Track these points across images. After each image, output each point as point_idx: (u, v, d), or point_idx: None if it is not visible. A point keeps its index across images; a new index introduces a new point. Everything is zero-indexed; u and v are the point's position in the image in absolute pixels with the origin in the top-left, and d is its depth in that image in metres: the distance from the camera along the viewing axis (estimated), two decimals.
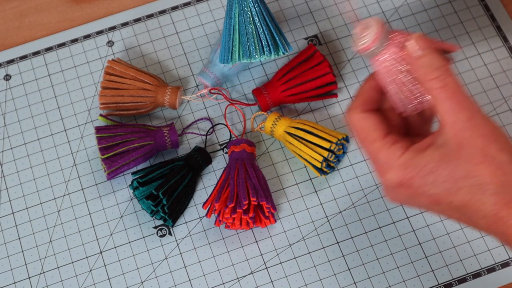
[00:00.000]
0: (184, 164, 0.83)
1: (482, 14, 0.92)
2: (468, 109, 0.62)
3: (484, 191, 0.61)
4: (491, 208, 0.61)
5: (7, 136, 0.88)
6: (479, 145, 0.61)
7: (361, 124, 0.66)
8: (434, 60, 0.64)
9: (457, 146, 0.62)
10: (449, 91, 0.63)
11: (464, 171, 0.62)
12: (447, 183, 0.62)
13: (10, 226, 0.84)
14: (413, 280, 0.80)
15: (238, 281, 0.80)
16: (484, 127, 0.62)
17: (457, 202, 0.62)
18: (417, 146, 0.64)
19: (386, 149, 0.64)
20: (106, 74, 0.87)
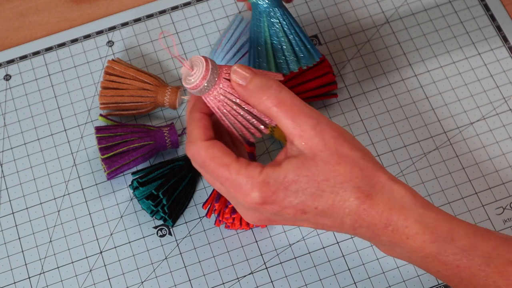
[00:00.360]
0: (184, 164, 0.83)
1: (482, 14, 0.92)
2: (311, 117, 0.64)
3: (346, 188, 0.64)
4: (354, 203, 0.64)
5: (7, 136, 0.88)
6: (332, 147, 0.64)
7: (210, 152, 0.66)
8: (261, 81, 0.65)
9: (312, 153, 0.64)
10: (286, 105, 0.64)
11: (324, 174, 0.64)
12: (310, 189, 0.64)
13: (10, 226, 0.84)
14: (413, 280, 0.80)
15: (238, 281, 0.80)
16: (331, 130, 0.64)
17: (322, 205, 0.64)
18: (273, 162, 0.65)
19: (244, 170, 0.65)
20: (106, 74, 0.87)
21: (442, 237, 0.65)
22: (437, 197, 0.83)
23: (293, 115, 0.65)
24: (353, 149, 0.65)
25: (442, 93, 0.88)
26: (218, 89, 0.67)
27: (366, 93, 0.88)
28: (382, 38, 0.91)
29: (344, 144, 0.65)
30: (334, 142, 0.64)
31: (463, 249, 0.65)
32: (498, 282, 0.64)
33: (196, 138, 0.67)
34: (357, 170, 0.64)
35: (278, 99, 0.65)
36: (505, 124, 0.86)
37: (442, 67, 0.89)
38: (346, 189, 0.64)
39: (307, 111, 0.65)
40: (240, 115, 0.67)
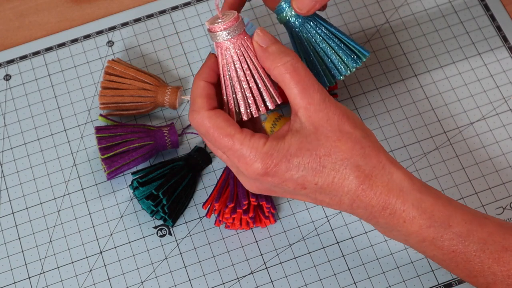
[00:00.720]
0: (184, 164, 0.83)
1: (482, 14, 0.92)
2: (320, 92, 0.65)
3: (346, 166, 0.65)
4: (353, 182, 0.65)
5: (7, 136, 0.88)
6: (335, 123, 0.65)
7: (213, 122, 0.66)
8: (282, 47, 0.67)
9: (314, 127, 0.65)
10: (300, 75, 0.65)
11: (325, 149, 0.65)
12: (312, 163, 0.65)
13: (10, 226, 0.84)
14: (413, 280, 0.80)
15: (238, 281, 0.80)
16: (336, 108, 0.65)
17: (321, 182, 0.65)
18: (277, 134, 0.67)
19: (247, 141, 0.66)
20: (106, 74, 0.87)
21: (438, 223, 0.65)
22: None
23: (303, 86, 0.65)
24: (356, 128, 0.66)
25: (442, 93, 0.88)
26: (238, 41, 0.68)
27: (366, 93, 0.88)
28: (382, 38, 0.91)
29: (347, 122, 0.66)
30: (337, 119, 0.65)
31: (459, 235, 0.65)
32: (493, 268, 0.65)
33: (200, 107, 0.67)
34: (358, 148, 0.65)
35: (293, 68, 0.66)
36: (505, 124, 0.86)
37: (442, 67, 0.89)
38: (346, 166, 0.65)
39: (317, 87, 0.66)
40: (247, 82, 0.68)
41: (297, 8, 0.71)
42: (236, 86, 0.68)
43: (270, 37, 0.68)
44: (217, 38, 0.68)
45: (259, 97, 0.69)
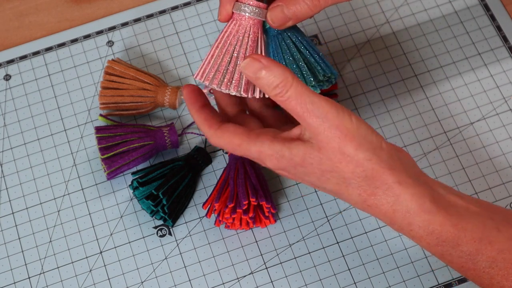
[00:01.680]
0: (184, 164, 0.83)
1: (482, 14, 0.92)
2: (317, 116, 0.65)
3: (348, 185, 0.66)
4: (357, 198, 0.67)
5: (7, 136, 0.88)
6: (336, 146, 0.65)
7: (222, 140, 0.70)
8: (271, 78, 0.66)
9: (318, 145, 0.66)
10: (293, 103, 0.65)
11: (328, 166, 0.66)
12: (316, 174, 0.67)
13: (10, 226, 0.84)
14: (413, 280, 0.80)
15: (238, 281, 0.80)
16: (337, 129, 0.65)
17: (329, 188, 0.68)
18: (285, 136, 0.68)
19: (253, 146, 0.68)
20: (106, 74, 0.87)
21: (446, 242, 0.66)
22: None
23: (300, 112, 0.65)
24: (359, 149, 0.65)
25: (442, 93, 0.88)
26: (254, 24, 0.71)
27: (366, 93, 0.88)
28: (382, 38, 0.91)
29: (349, 144, 0.65)
30: (338, 142, 0.65)
31: (467, 253, 0.66)
32: (502, 283, 0.65)
33: (206, 132, 0.70)
34: (359, 171, 0.65)
35: (286, 97, 0.66)
36: (505, 124, 0.86)
37: (442, 67, 0.89)
38: (349, 185, 0.66)
39: (313, 109, 0.65)
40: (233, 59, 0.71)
41: (270, 19, 0.71)
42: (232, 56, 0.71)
43: (258, 65, 0.67)
44: (240, 9, 0.71)
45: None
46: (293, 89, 0.65)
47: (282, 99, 0.66)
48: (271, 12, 0.71)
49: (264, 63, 0.66)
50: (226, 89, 0.71)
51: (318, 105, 0.65)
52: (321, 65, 0.75)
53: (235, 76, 0.71)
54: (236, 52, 0.71)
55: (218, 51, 0.72)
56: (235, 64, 0.71)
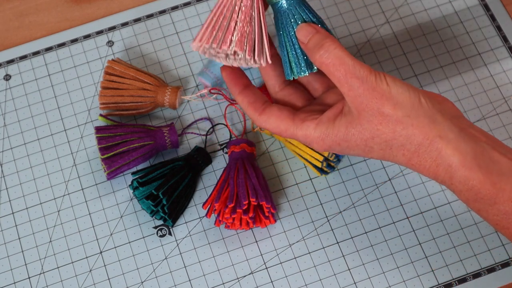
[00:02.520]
0: (184, 164, 0.83)
1: (482, 14, 0.92)
2: (357, 77, 0.67)
3: (392, 146, 0.68)
4: (402, 158, 0.69)
5: (7, 136, 0.88)
6: (375, 107, 0.67)
7: (268, 125, 0.73)
8: (318, 40, 0.69)
9: (357, 111, 0.68)
10: (336, 64, 0.68)
11: (369, 132, 0.68)
12: (360, 146, 0.69)
13: (10, 226, 0.84)
14: (413, 280, 0.80)
15: (238, 281, 0.80)
16: (374, 91, 0.67)
17: (375, 156, 0.70)
18: (328, 115, 0.70)
19: (299, 131, 0.71)
20: (106, 74, 0.87)
21: (484, 199, 0.67)
22: (437, 197, 0.83)
23: (340, 74, 0.68)
24: (396, 109, 0.67)
25: (442, 93, 0.88)
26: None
27: None
28: (382, 38, 0.91)
29: (386, 103, 0.67)
30: (376, 102, 0.67)
31: (503, 212, 0.67)
32: None
33: (251, 115, 0.73)
34: (400, 129, 0.67)
35: (328, 57, 0.68)
36: (505, 124, 0.86)
37: (442, 67, 0.89)
38: (392, 147, 0.68)
39: (354, 71, 0.67)
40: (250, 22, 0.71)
41: None
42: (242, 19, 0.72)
43: (309, 29, 0.70)
44: None
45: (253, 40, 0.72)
46: (336, 50, 0.68)
47: (325, 60, 0.68)
48: None
49: (318, 30, 0.70)
50: (227, 48, 0.70)
51: (359, 68, 0.67)
52: None
53: (235, 33, 0.71)
54: (236, 13, 0.71)
55: (216, 15, 0.71)
56: (236, 24, 0.71)
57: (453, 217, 0.82)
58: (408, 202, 0.83)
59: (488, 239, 0.81)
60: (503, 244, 0.81)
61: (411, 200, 0.83)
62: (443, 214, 0.82)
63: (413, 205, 0.83)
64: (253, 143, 0.84)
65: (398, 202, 0.83)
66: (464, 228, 0.81)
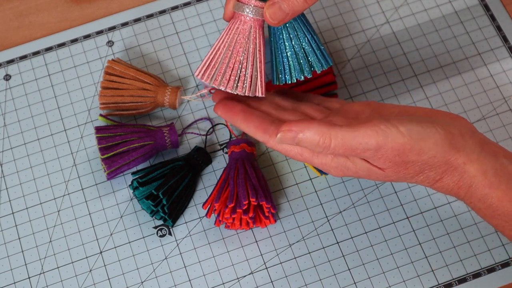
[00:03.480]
0: (184, 164, 0.83)
1: (482, 14, 0.92)
2: (368, 149, 0.67)
3: (417, 178, 0.71)
4: (425, 184, 0.71)
5: (7, 136, 0.88)
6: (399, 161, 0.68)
7: (281, 149, 0.72)
8: (309, 137, 0.68)
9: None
10: (341, 150, 0.68)
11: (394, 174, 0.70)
12: (380, 179, 0.72)
13: (10, 226, 0.84)
14: (413, 280, 0.80)
15: (238, 281, 0.80)
16: (393, 150, 0.68)
17: (394, 181, 0.73)
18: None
19: (315, 158, 0.71)
20: (106, 74, 0.87)
21: (501, 216, 0.68)
22: (437, 197, 0.83)
23: (352, 154, 0.69)
24: (421, 154, 0.68)
25: (442, 93, 0.88)
26: (255, 24, 0.72)
27: (366, 93, 0.88)
28: (382, 38, 0.91)
29: (409, 154, 0.68)
30: (399, 157, 0.68)
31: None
32: None
33: (263, 139, 0.72)
34: (425, 167, 0.68)
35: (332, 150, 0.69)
36: (505, 124, 0.86)
37: (442, 67, 0.89)
38: (418, 179, 0.70)
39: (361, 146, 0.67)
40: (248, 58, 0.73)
41: (269, 17, 0.72)
42: (237, 56, 0.73)
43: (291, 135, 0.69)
44: (241, 9, 0.72)
45: (250, 75, 0.73)
46: (334, 141, 0.68)
47: (330, 152, 0.68)
48: (269, 9, 0.72)
49: (295, 129, 0.68)
50: (225, 88, 0.72)
51: (366, 141, 0.67)
52: (319, 57, 0.76)
53: (233, 74, 0.72)
54: (236, 51, 0.71)
55: (218, 50, 0.72)
56: (234, 63, 0.71)
57: (453, 217, 0.82)
58: (408, 202, 0.83)
59: (488, 239, 0.81)
60: (503, 244, 0.81)
61: (411, 200, 0.83)
62: (443, 214, 0.82)
63: (413, 205, 0.83)
64: (253, 143, 0.84)
65: (398, 202, 0.83)
66: (464, 228, 0.81)
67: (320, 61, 0.76)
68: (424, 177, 0.70)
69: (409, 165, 0.68)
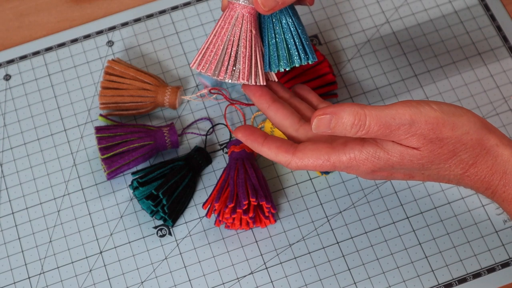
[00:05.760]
0: (184, 164, 0.83)
1: (482, 14, 0.92)
2: (403, 124, 0.65)
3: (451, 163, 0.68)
4: (458, 172, 0.69)
5: (7, 136, 0.88)
6: (433, 136, 0.66)
7: (305, 162, 0.69)
8: (344, 121, 0.66)
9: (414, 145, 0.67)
10: (376, 129, 0.66)
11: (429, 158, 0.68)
12: (416, 167, 0.68)
13: (10, 226, 0.84)
14: (413, 280, 0.80)
15: (238, 281, 0.80)
16: (426, 124, 0.66)
17: (428, 173, 0.69)
18: (371, 139, 0.68)
19: (343, 155, 0.68)
20: (106, 74, 0.87)
21: None
22: (437, 197, 0.83)
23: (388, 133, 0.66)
24: (455, 128, 0.66)
25: (442, 93, 0.88)
26: (249, 12, 0.72)
27: (366, 93, 0.88)
28: (382, 38, 0.91)
29: (443, 129, 0.66)
30: (433, 133, 0.66)
31: None
32: None
33: (284, 158, 0.70)
34: (459, 146, 0.66)
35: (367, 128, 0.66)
36: (505, 124, 0.86)
37: (442, 67, 0.89)
38: (451, 163, 0.68)
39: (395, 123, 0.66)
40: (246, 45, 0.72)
41: (261, 4, 0.71)
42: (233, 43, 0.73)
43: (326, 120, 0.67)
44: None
45: (247, 64, 0.72)
46: (369, 118, 0.66)
47: (364, 133, 0.66)
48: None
49: (329, 112, 0.66)
50: (221, 77, 0.72)
51: (399, 116, 0.66)
52: (300, 53, 0.75)
53: (230, 63, 0.72)
54: (231, 40, 0.72)
55: (213, 40, 0.72)
56: (230, 52, 0.72)
57: (453, 217, 0.82)
58: (408, 202, 0.83)
59: (488, 239, 0.81)
60: (503, 244, 0.81)
61: (411, 200, 0.83)
62: (443, 214, 0.82)
63: (413, 205, 0.83)
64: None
65: (398, 202, 0.83)
66: (464, 228, 0.81)
67: (300, 55, 0.75)
68: (458, 161, 0.67)
69: (444, 143, 0.66)
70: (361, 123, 0.65)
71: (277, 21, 0.75)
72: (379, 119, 0.65)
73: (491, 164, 0.67)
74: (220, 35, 0.73)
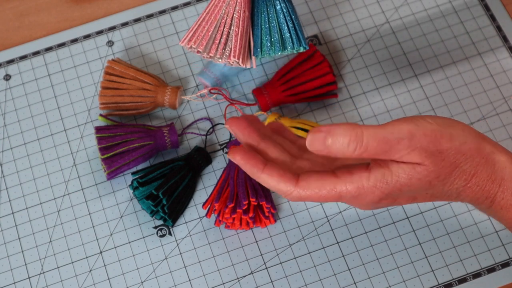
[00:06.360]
0: (184, 164, 0.83)
1: (482, 14, 0.92)
2: (402, 139, 0.64)
3: (455, 176, 0.67)
4: (461, 184, 0.68)
5: (7, 136, 0.88)
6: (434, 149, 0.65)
7: (309, 192, 0.67)
8: (340, 140, 0.64)
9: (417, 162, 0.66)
10: (374, 145, 0.64)
11: (434, 171, 0.67)
12: (422, 186, 0.67)
13: (10, 226, 0.84)
14: (413, 280, 0.80)
15: (238, 281, 0.80)
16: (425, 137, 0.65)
17: (431, 192, 0.68)
18: (378, 162, 0.66)
19: (350, 184, 0.66)
20: (106, 74, 0.87)
21: None
22: None
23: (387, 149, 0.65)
24: (453, 140, 0.66)
25: (442, 93, 0.88)
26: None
27: (366, 93, 0.88)
28: (382, 38, 0.91)
29: (442, 140, 0.65)
30: (433, 145, 0.65)
31: None
32: None
33: (285, 188, 0.67)
34: (459, 157, 0.66)
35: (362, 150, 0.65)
36: (505, 124, 0.86)
37: (442, 67, 0.89)
38: (455, 175, 0.67)
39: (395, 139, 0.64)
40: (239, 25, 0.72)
41: None
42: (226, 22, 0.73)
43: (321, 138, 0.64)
44: None
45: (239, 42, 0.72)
46: (367, 133, 0.64)
47: (362, 151, 0.64)
48: None
49: (325, 130, 0.64)
50: (212, 54, 0.71)
51: (397, 130, 0.64)
52: (293, 38, 0.75)
53: (221, 42, 0.72)
54: (224, 18, 0.71)
55: (206, 17, 0.72)
56: (222, 30, 0.71)
57: (453, 217, 0.82)
58: None
59: (488, 239, 0.81)
60: (503, 244, 0.81)
61: None
62: (443, 214, 0.82)
63: (413, 205, 0.83)
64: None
65: None
66: (464, 228, 0.81)
67: (293, 40, 0.75)
68: (461, 172, 0.67)
69: (444, 155, 0.65)
70: (358, 139, 0.63)
71: (271, 5, 0.75)
72: (376, 134, 0.64)
73: (490, 172, 0.67)
74: (214, 13, 0.72)
